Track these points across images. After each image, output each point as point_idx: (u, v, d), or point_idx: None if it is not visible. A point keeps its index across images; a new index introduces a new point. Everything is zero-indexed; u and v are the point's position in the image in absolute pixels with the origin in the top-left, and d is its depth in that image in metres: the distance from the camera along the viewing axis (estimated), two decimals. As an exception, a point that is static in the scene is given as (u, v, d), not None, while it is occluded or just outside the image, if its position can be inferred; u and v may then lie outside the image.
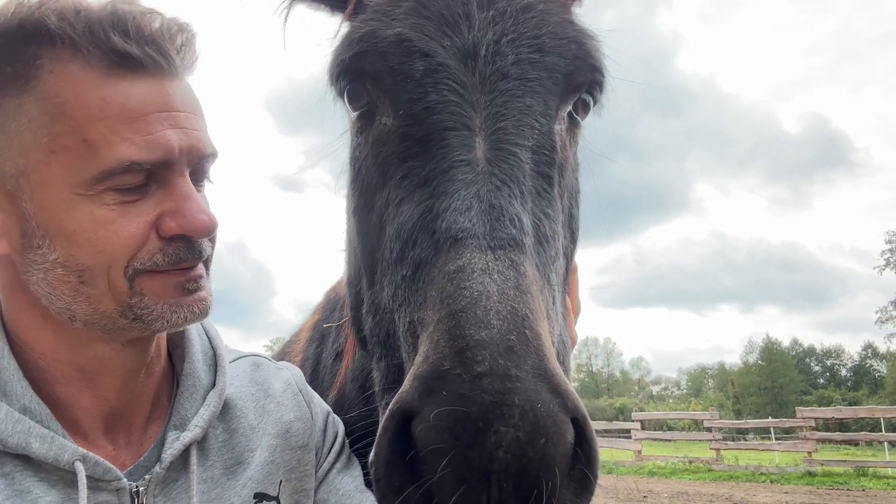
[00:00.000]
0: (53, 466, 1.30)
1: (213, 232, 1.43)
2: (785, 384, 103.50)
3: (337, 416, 1.97)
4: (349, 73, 1.67)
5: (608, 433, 34.65)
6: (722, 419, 33.54)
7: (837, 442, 37.62)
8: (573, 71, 1.65)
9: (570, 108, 1.72)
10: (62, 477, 1.31)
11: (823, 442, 29.75)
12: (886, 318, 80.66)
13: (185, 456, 1.48)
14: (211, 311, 1.46)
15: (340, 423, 1.92)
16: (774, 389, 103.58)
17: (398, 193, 1.50)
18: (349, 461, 1.86)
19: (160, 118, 1.33)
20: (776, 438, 37.86)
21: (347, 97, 1.73)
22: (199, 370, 1.60)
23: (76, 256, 1.31)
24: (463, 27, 1.56)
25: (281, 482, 1.64)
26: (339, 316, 2.41)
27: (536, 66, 1.57)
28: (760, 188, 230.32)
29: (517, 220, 1.35)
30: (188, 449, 1.48)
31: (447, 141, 1.45)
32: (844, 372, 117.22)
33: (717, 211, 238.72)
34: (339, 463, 1.83)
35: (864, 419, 32.63)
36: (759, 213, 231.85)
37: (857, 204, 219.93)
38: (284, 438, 1.69)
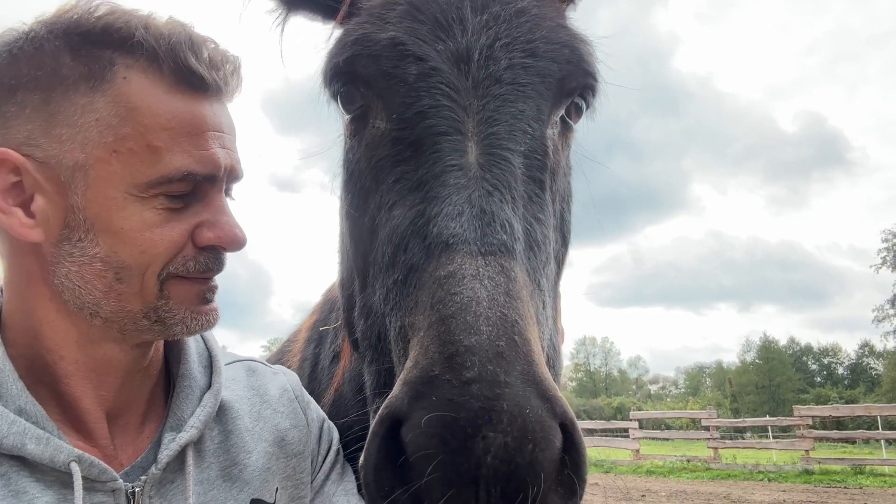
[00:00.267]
0: (49, 467, 1.31)
1: (243, 246, 1.52)
2: (782, 383, 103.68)
3: (335, 416, 1.98)
4: (343, 76, 1.68)
5: (606, 432, 34.65)
6: (719, 418, 33.55)
7: (834, 440, 37.76)
8: (566, 76, 1.65)
9: (562, 112, 1.72)
10: (58, 478, 1.32)
11: (821, 440, 29.88)
12: (883, 316, 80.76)
13: (181, 457, 1.49)
14: (219, 320, 1.54)
15: (335, 430, 1.93)
16: (772, 388, 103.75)
17: (390, 197, 1.50)
18: (343, 470, 1.88)
19: (214, 136, 1.45)
20: (774, 437, 37.88)
21: (341, 100, 1.73)
22: (195, 371, 1.61)
23: (118, 254, 1.37)
24: (457, 31, 1.56)
25: (277, 489, 1.65)
26: (336, 317, 2.41)
27: (529, 70, 1.58)
28: (758, 187, 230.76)
29: (508, 225, 1.36)
30: (185, 450, 1.49)
31: (439, 145, 1.46)
32: (841, 370, 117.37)
33: (714, 210, 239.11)
34: (333, 473, 1.84)
35: (861, 417, 32.69)
36: (756, 212, 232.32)
37: (854, 203, 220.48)
38: (280, 446, 1.70)
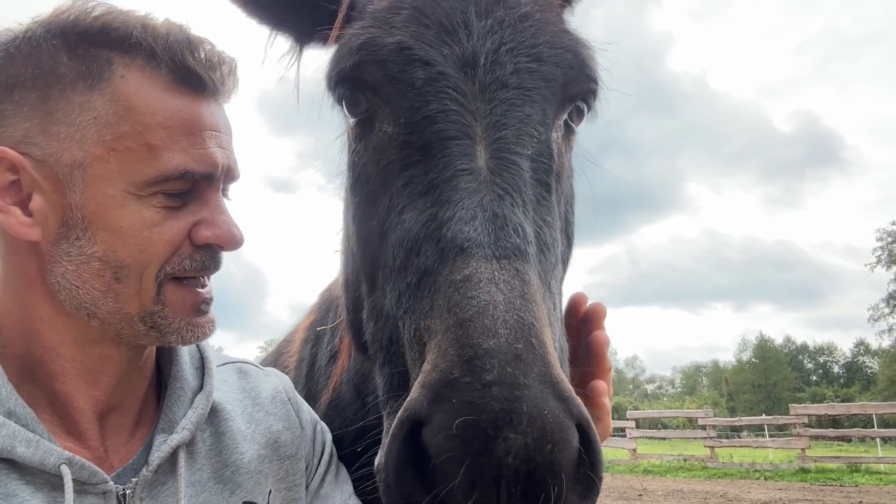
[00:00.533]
0: (39, 470, 1.30)
1: (241, 245, 1.53)
2: (778, 381, 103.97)
3: (333, 416, 1.99)
4: (349, 80, 1.67)
5: (603, 432, 34.61)
6: (716, 417, 33.64)
7: (830, 438, 37.83)
8: (569, 80, 1.66)
9: (565, 116, 1.73)
10: (48, 480, 1.31)
11: (816, 438, 29.89)
12: (878, 315, 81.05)
13: (172, 459, 1.49)
14: (215, 331, 1.55)
15: (328, 431, 1.94)
16: (768, 387, 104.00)
17: (400, 201, 1.50)
18: (338, 472, 1.89)
19: (211, 136, 1.46)
20: (770, 435, 37.98)
21: (346, 104, 1.72)
22: (186, 373, 1.61)
23: (117, 253, 1.37)
24: (462, 36, 1.57)
25: (270, 492, 1.65)
26: (333, 317, 2.41)
27: (534, 75, 1.58)
28: (753, 186, 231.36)
29: (521, 229, 1.37)
30: (176, 452, 1.49)
31: (449, 150, 1.46)
32: (837, 369, 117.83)
33: (709, 209, 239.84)
34: (329, 475, 1.84)
35: (856, 415, 32.86)
36: (751, 211, 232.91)
37: (848, 201, 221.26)
38: (273, 448, 1.70)
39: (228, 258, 1.57)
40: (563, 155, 1.73)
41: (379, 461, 1.25)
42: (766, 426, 38.35)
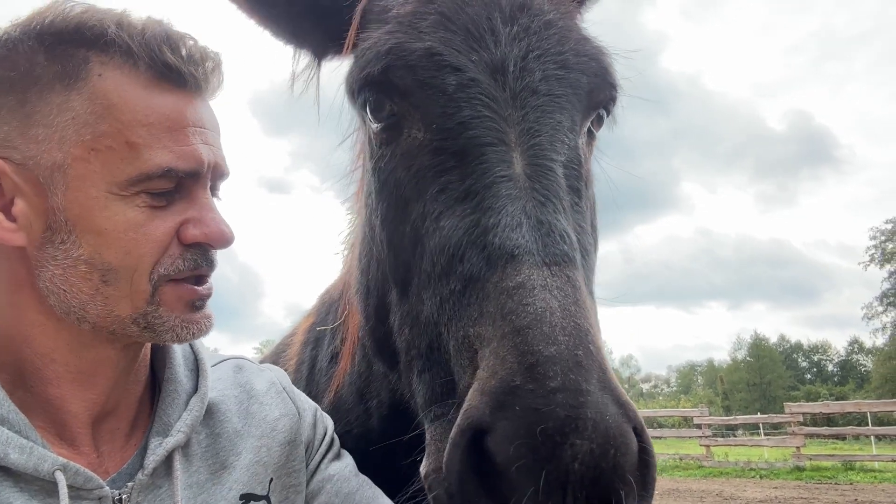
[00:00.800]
0: (33, 476, 1.28)
1: (231, 243, 1.49)
2: (773, 380, 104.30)
3: (334, 419, 1.98)
4: (376, 85, 1.67)
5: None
6: (711, 416, 33.72)
7: (825, 436, 37.89)
8: (594, 88, 1.68)
9: (589, 123, 1.75)
10: (43, 487, 1.29)
11: (811, 437, 29.94)
12: (872, 313, 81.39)
13: (168, 462, 1.47)
14: (212, 328, 1.51)
15: (329, 418, 1.93)
16: (763, 385, 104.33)
17: (436, 207, 1.50)
18: (340, 451, 1.89)
19: (195, 132, 1.42)
20: (765, 434, 38.07)
21: (370, 109, 1.71)
22: (180, 375, 1.60)
23: (103, 255, 1.34)
24: (489, 42, 1.58)
25: (272, 480, 1.64)
26: (333, 319, 2.40)
27: (563, 82, 1.60)
28: (747, 185, 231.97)
29: (567, 235, 1.38)
30: (171, 455, 1.47)
31: (486, 156, 1.46)
32: (831, 367, 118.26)
33: (703, 208, 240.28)
34: (330, 454, 1.84)
35: (851, 413, 32.99)
36: (745, 210, 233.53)
37: (842, 200, 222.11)
38: (271, 437, 1.69)
39: (223, 260, 1.56)
40: (588, 161, 1.75)
41: (428, 469, 1.28)
42: (761, 425, 38.39)
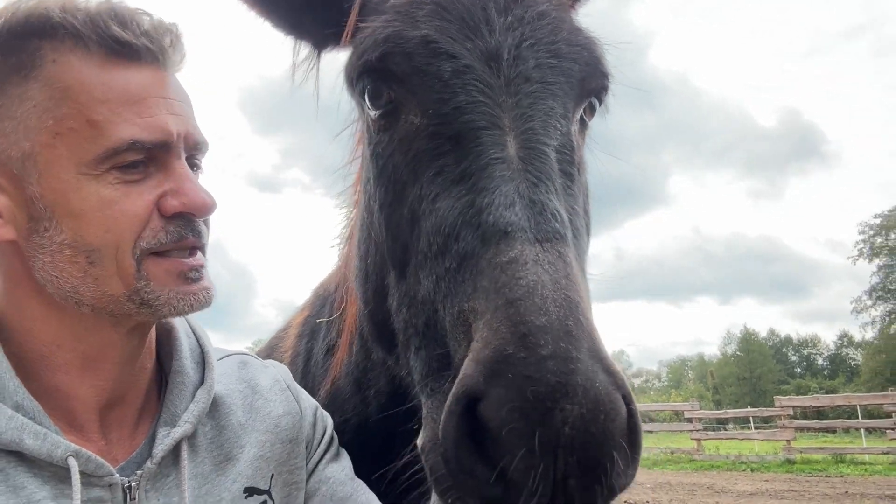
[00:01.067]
0: (46, 462, 1.31)
1: (213, 210, 1.50)
2: (763, 374, 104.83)
3: (331, 410, 2.00)
4: (374, 72, 1.71)
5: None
6: (702, 410, 33.93)
7: (815, 430, 38.22)
8: (586, 76, 1.73)
9: (581, 111, 1.80)
10: (55, 473, 1.32)
11: (802, 430, 30.22)
12: (861, 307, 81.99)
13: (175, 451, 1.50)
14: (213, 298, 1.52)
15: (329, 417, 1.95)
16: (753, 379, 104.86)
17: (432, 189, 1.54)
18: (338, 452, 1.90)
19: (158, 103, 1.43)
20: (755, 427, 38.37)
21: (368, 96, 1.75)
22: (187, 367, 1.62)
23: (84, 237, 1.36)
24: (484, 31, 1.62)
25: (273, 476, 1.66)
26: (329, 311, 2.42)
27: (555, 70, 1.65)
28: (736, 181, 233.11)
29: (559, 214, 1.42)
30: (179, 444, 1.50)
31: (481, 139, 1.50)
32: (821, 361, 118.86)
33: (693, 204, 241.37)
34: (328, 454, 1.86)
35: (840, 407, 33.19)
36: (735, 205, 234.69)
37: (830, 195, 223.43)
38: (274, 433, 1.71)
39: (214, 259, 1.56)
40: (580, 148, 1.80)
41: (425, 440, 1.31)
42: (751, 418, 38.71)
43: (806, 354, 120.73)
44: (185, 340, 1.67)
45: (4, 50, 1.36)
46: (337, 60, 2.02)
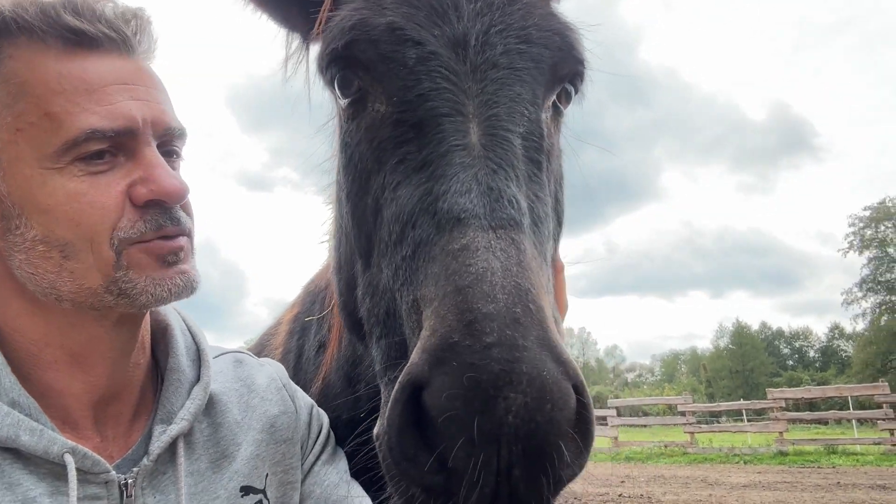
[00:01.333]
0: (43, 459, 1.31)
1: (185, 196, 1.47)
2: (755, 367, 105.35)
3: (323, 406, 1.99)
4: (341, 60, 1.69)
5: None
6: (695, 403, 34.08)
7: (807, 421, 38.56)
8: (558, 62, 1.70)
9: (554, 97, 1.77)
10: (51, 470, 1.32)
11: (794, 422, 30.45)
12: (852, 299, 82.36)
13: (172, 449, 1.50)
14: (197, 285, 1.49)
15: (325, 415, 1.95)
16: (745, 372, 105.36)
17: (394, 177, 1.53)
18: (334, 453, 1.89)
19: (119, 90, 1.40)
20: (748, 420, 38.58)
21: (338, 85, 1.74)
22: (183, 365, 1.61)
23: (54, 231, 1.34)
24: (452, 17, 1.60)
25: (267, 475, 1.66)
26: (320, 308, 2.42)
27: (524, 56, 1.62)
28: (727, 175, 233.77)
29: (515, 201, 1.40)
30: (175, 442, 1.50)
31: (442, 126, 1.49)
32: (812, 353, 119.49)
33: (684, 198, 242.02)
34: (324, 455, 1.85)
35: (832, 398, 33.37)
36: (726, 199, 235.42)
37: (821, 188, 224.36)
38: (270, 433, 1.71)
39: (204, 258, 1.55)
40: (552, 135, 1.77)
41: (379, 428, 1.28)
42: (744, 411, 38.88)
43: (798, 347, 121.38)
44: (180, 338, 1.67)
45: None
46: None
